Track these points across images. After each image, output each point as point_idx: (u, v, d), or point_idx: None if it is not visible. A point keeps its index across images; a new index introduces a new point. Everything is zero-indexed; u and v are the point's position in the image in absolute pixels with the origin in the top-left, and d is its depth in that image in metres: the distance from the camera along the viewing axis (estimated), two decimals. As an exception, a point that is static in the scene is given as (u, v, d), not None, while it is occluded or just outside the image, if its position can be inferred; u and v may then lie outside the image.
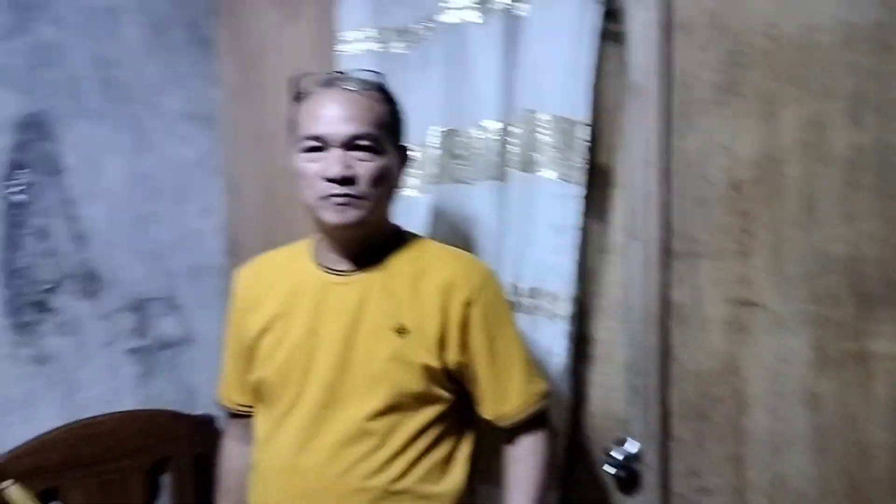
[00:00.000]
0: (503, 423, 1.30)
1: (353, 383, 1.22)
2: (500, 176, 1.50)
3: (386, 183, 1.25)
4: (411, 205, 1.62)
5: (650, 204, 1.37)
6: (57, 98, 1.89)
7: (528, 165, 1.47)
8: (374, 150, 1.22)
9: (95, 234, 1.95)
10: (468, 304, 1.25)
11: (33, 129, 1.85)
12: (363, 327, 1.23)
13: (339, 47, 1.78)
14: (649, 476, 1.39)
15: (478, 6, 1.57)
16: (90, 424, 1.92)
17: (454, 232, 1.57)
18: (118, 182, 2.00)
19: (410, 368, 1.22)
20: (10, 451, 1.78)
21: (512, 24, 1.51)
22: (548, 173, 1.45)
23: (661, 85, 1.35)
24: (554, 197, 1.45)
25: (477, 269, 1.30)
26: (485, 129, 1.53)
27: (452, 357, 1.25)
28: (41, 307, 1.87)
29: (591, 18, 1.42)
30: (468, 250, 1.55)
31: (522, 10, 1.51)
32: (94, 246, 1.94)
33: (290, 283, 1.31)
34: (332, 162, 1.19)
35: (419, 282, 1.26)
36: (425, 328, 1.23)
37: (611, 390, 1.50)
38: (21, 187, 1.83)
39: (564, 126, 1.44)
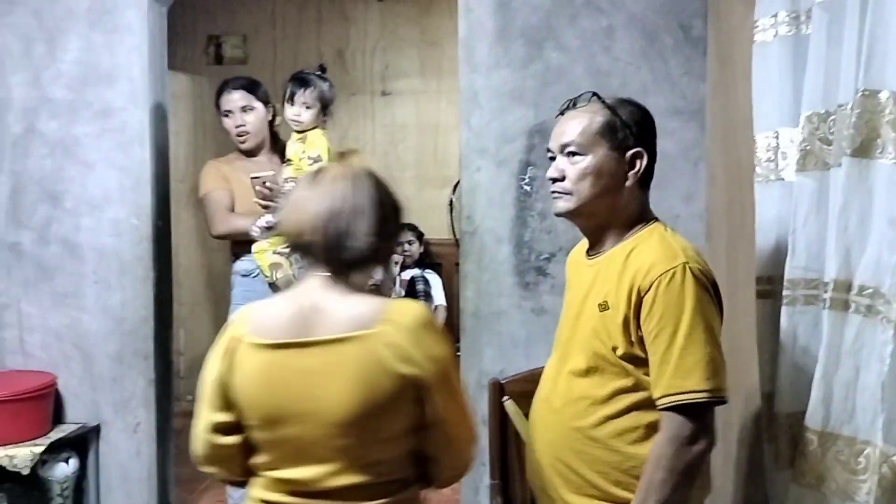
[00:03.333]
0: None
1: (575, 344, 1.48)
2: (838, 162, 1.38)
3: (591, 179, 1.44)
4: (782, 190, 1.60)
5: None
6: (557, 109, 2.40)
7: (864, 151, 1.32)
8: (578, 153, 1.45)
9: (584, 217, 2.40)
10: (644, 293, 1.37)
11: (539, 134, 2.40)
12: (588, 302, 1.47)
13: (756, 36, 1.81)
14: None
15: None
16: (572, 368, 2.40)
17: (811, 219, 1.50)
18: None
19: (602, 340, 1.42)
20: (512, 377, 2.39)
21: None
22: (888, 159, 1.28)
23: None
24: (893, 185, 1.27)
25: (664, 262, 1.38)
26: (837, 112, 1.42)
27: (633, 336, 1.39)
28: (540, 271, 2.43)
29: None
30: (815, 241, 1.48)
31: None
32: (582, 226, 2.40)
33: (575, 263, 1.62)
34: (551, 166, 1.49)
35: (627, 266, 1.41)
36: (618, 307, 1.40)
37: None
38: (528, 180, 2.41)
39: (903, 103, 1.25)
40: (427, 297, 4.08)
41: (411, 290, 4.07)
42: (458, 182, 4.23)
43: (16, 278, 2.62)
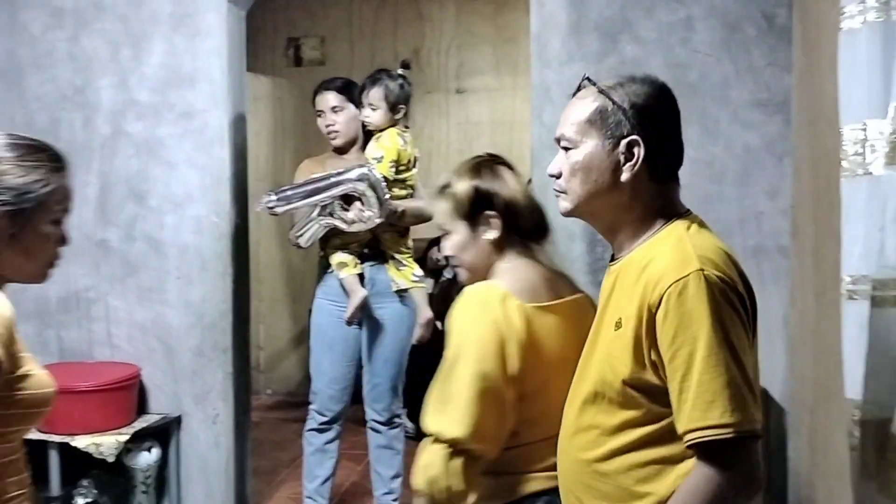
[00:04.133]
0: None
1: (590, 366, 1.29)
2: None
3: (581, 174, 1.25)
4: (870, 185, 1.51)
5: None
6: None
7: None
8: (569, 147, 1.27)
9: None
10: (654, 309, 1.16)
11: (614, 130, 2.35)
12: (606, 318, 1.28)
13: (842, 23, 1.72)
14: None
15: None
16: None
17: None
18: (685, 167, 2.32)
19: (611, 364, 1.23)
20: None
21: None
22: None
23: None
24: None
25: (675, 272, 1.16)
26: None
27: (646, 360, 1.19)
28: (614, 270, 2.37)
29: None
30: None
31: None
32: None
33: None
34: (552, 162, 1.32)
35: (640, 277, 1.20)
36: (629, 325, 1.20)
37: None
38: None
39: None
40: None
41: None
42: (530, 179, 4.20)
43: (104, 274, 2.74)
